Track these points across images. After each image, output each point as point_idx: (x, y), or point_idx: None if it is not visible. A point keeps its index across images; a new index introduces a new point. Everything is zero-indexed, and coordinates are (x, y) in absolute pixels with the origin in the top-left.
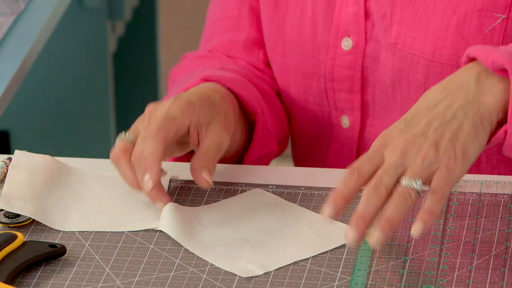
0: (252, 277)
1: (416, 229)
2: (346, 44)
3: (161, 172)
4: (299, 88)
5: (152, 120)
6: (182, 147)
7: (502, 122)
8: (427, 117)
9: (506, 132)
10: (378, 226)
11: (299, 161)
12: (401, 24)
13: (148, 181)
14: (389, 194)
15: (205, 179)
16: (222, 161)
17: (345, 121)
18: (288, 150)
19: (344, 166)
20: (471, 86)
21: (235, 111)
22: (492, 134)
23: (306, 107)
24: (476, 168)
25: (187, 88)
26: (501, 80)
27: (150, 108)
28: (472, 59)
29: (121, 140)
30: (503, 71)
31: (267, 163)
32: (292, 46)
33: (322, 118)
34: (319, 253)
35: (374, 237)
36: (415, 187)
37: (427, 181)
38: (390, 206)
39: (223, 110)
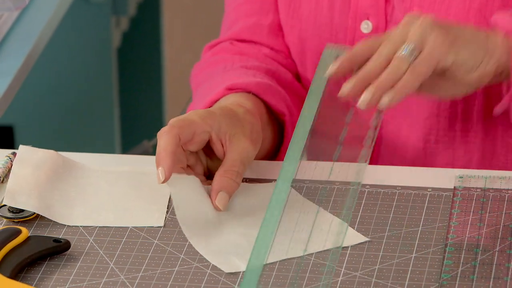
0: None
1: (386, 98)
2: (366, 27)
3: (178, 167)
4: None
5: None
6: (216, 161)
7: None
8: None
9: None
10: (367, 89)
11: (310, 149)
12: (421, 6)
13: (160, 174)
14: (389, 61)
15: (218, 207)
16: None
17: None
18: None
19: None
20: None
21: (263, 119)
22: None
23: None
24: (491, 149)
25: (212, 100)
26: None
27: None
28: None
29: None
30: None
31: None
32: (309, 29)
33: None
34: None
35: (363, 97)
36: (407, 51)
37: (420, 47)
38: (383, 73)
39: (249, 122)
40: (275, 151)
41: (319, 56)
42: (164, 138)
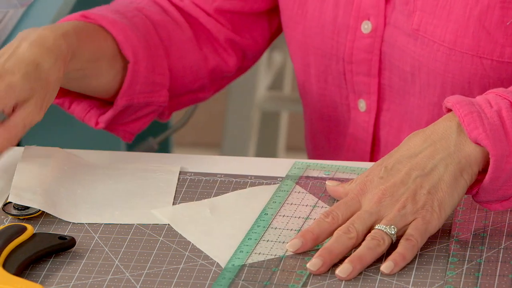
0: (261, 266)
1: (387, 267)
2: (366, 27)
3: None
4: (318, 68)
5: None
6: None
7: (484, 170)
8: (407, 166)
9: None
10: (348, 259)
11: (315, 148)
12: (423, 10)
13: None
14: (360, 239)
15: None
16: (90, 98)
17: (362, 105)
18: (302, 142)
19: (360, 150)
20: (452, 137)
21: (97, 55)
22: (474, 183)
23: (325, 88)
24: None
25: (60, 22)
26: None
27: (21, 34)
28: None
29: None
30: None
31: (150, 116)
32: (313, 26)
33: (340, 100)
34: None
35: (344, 268)
36: (389, 231)
37: (400, 232)
38: (363, 246)
39: (48, 82)
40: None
41: (321, 53)
42: None
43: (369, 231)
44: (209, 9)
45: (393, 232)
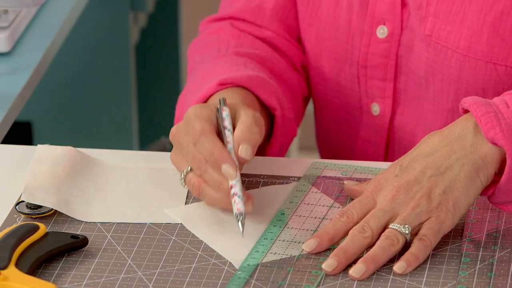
0: (275, 266)
1: (399, 267)
2: (382, 32)
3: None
4: (331, 71)
5: (187, 121)
6: None
7: (500, 172)
8: (422, 164)
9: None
10: (362, 259)
11: (326, 148)
12: (436, 16)
13: (230, 171)
14: (375, 238)
15: (242, 158)
16: None
17: (376, 109)
18: (313, 142)
19: (373, 153)
20: (469, 137)
21: (256, 109)
22: (490, 184)
23: (338, 91)
24: None
25: (204, 95)
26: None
27: (172, 131)
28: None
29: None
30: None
31: (286, 149)
32: (327, 29)
33: (352, 103)
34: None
35: (357, 268)
36: (403, 231)
37: (414, 230)
38: (376, 246)
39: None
40: (265, 143)
41: (335, 56)
42: (203, 141)
43: (384, 229)
44: (284, 35)
45: (407, 232)
